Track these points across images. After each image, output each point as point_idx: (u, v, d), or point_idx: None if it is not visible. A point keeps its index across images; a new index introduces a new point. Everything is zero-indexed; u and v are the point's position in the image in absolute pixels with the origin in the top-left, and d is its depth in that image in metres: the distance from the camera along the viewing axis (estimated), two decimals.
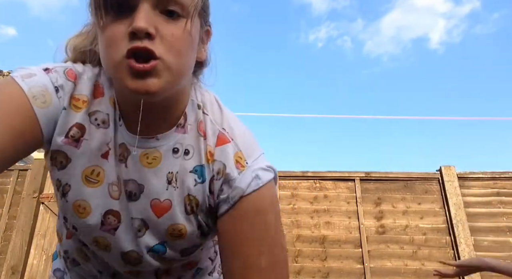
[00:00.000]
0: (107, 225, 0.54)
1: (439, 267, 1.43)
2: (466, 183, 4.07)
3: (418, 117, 5.95)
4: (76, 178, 0.52)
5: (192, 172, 0.54)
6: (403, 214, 4.02)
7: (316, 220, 4.03)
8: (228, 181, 0.53)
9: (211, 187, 0.55)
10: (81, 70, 0.54)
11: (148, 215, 0.54)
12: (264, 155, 0.57)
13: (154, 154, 0.53)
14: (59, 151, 0.52)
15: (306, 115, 5.72)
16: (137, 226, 0.54)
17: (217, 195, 0.54)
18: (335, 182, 4.20)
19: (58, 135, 0.51)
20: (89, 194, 0.53)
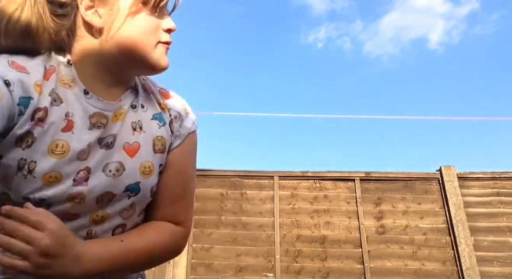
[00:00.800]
0: (78, 180, 0.60)
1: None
2: (466, 183, 4.07)
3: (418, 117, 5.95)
4: (43, 153, 0.57)
5: (153, 119, 0.71)
6: (403, 214, 4.03)
7: (316, 220, 4.04)
8: (180, 122, 0.74)
9: (171, 128, 0.72)
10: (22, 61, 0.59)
11: (124, 157, 0.65)
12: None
13: (120, 112, 0.66)
14: (27, 132, 0.56)
15: (306, 115, 5.72)
16: (115, 168, 0.64)
17: (175, 133, 0.73)
18: (335, 182, 4.21)
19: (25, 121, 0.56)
20: (58, 164, 0.58)
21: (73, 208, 0.60)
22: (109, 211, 0.64)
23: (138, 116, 0.69)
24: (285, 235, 3.99)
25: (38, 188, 0.57)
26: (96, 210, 0.63)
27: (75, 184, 0.60)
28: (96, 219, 0.64)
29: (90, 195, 0.61)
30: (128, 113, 0.67)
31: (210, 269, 3.82)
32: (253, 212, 4.08)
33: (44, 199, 0.58)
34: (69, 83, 0.62)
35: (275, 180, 4.21)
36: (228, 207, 4.11)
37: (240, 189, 4.19)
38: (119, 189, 0.64)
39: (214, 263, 3.85)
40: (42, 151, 0.57)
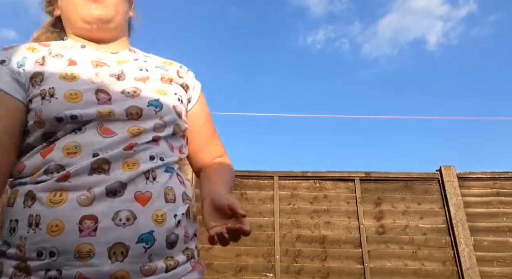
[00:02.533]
0: (102, 100, 0.68)
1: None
2: (466, 183, 4.07)
3: (418, 117, 5.95)
4: (56, 81, 0.68)
5: (157, 67, 0.82)
6: (403, 214, 4.02)
7: (316, 220, 4.04)
8: (191, 78, 0.88)
9: (179, 74, 0.85)
10: (16, 44, 0.76)
11: (137, 84, 0.74)
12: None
13: (124, 59, 0.79)
14: (36, 73, 0.69)
15: (306, 115, 5.72)
16: (132, 90, 0.72)
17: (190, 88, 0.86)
18: (335, 182, 4.20)
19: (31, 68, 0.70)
20: (74, 85, 0.68)
21: (108, 123, 0.67)
22: (144, 124, 0.70)
23: (142, 63, 0.81)
24: (285, 235, 3.98)
25: (65, 107, 0.65)
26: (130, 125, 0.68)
27: (100, 103, 0.67)
28: (134, 133, 0.68)
29: (118, 110, 0.68)
30: (131, 61, 0.80)
31: (210, 269, 3.82)
32: (253, 212, 4.08)
33: (75, 116, 0.65)
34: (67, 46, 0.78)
35: (275, 180, 4.20)
36: None
37: (240, 189, 4.19)
38: (142, 104, 0.71)
39: (214, 263, 3.85)
40: (55, 80, 0.68)
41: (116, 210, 0.60)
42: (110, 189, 0.61)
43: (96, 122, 0.66)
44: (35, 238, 0.58)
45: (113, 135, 0.66)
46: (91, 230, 0.58)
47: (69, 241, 0.57)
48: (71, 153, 0.63)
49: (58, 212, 0.58)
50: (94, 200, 0.60)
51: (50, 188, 0.61)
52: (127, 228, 0.59)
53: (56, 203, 0.59)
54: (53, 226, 0.58)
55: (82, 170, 0.62)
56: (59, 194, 0.60)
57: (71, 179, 0.61)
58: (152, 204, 0.63)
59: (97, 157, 0.63)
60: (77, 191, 0.60)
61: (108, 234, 0.58)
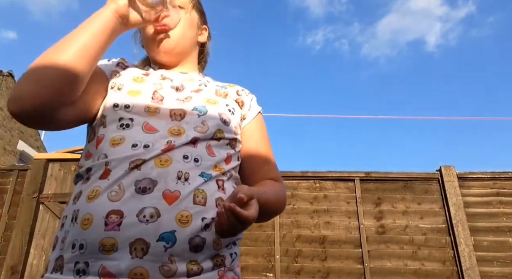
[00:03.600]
0: (156, 99, 0.77)
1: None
2: (466, 183, 4.07)
3: (418, 117, 5.95)
4: (127, 80, 0.80)
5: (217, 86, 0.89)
6: (403, 214, 4.02)
7: (316, 220, 4.03)
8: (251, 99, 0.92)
9: (237, 93, 0.90)
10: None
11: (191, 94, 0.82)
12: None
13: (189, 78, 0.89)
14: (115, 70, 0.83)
15: (306, 115, 5.71)
16: (184, 97, 0.80)
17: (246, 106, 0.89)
18: (335, 182, 4.20)
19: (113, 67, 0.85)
20: (138, 85, 0.79)
21: (151, 120, 0.73)
22: (185, 125, 0.74)
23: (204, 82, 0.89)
24: (285, 235, 3.98)
25: (124, 97, 0.75)
26: (172, 124, 0.73)
27: (153, 101, 0.76)
28: (174, 132, 0.72)
29: (164, 109, 0.75)
30: (197, 80, 0.89)
31: None
32: None
33: (128, 105, 0.73)
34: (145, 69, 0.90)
35: None
36: None
37: None
38: (187, 107, 0.77)
39: None
40: (127, 79, 0.80)
41: (142, 206, 0.61)
42: (140, 186, 0.62)
43: (142, 119, 0.72)
44: (73, 231, 0.63)
45: (154, 132, 0.71)
46: (116, 225, 0.59)
47: (95, 234, 0.59)
48: (116, 143, 0.70)
49: (90, 206, 0.62)
50: (123, 195, 0.62)
51: (91, 186, 0.66)
52: (150, 224, 0.59)
53: (91, 199, 0.63)
54: (85, 219, 0.61)
55: (121, 167, 0.65)
56: (95, 190, 0.64)
57: (110, 176, 0.65)
58: (179, 204, 0.62)
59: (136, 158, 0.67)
60: (110, 187, 0.63)
61: (131, 230, 0.59)
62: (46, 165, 4.19)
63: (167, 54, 0.89)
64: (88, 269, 0.59)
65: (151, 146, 0.67)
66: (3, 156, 9.52)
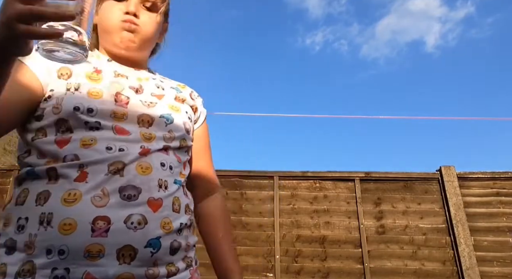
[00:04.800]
0: (119, 102, 0.73)
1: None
2: (466, 183, 4.07)
3: (418, 117, 5.95)
4: (82, 79, 0.72)
5: (172, 88, 0.88)
6: (403, 214, 4.02)
7: (316, 220, 4.03)
8: (200, 103, 0.93)
9: (191, 96, 0.91)
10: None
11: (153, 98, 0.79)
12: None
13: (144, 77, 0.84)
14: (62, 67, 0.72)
15: (306, 115, 5.72)
16: (148, 101, 0.77)
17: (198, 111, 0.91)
18: (335, 182, 4.20)
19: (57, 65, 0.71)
20: (97, 85, 0.73)
21: (121, 124, 0.70)
22: (154, 132, 0.73)
23: (159, 83, 0.86)
24: (285, 235, 3.98)
25: (86, 100, 0.68)
26: (142, 129, 0.72)
27: (118, 105, 0.72)
28: (146, 137, 0.72)
29: (131, 114, 0.72)
30: (150, 80, 0.85)
31: (210, 269, 3.81)
32: (253, 212, 4.08)
33: (92, 109, 0.68)
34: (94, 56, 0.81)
35: (275, 180, 4.20)
36: (228, 207, 4.10)
37: (240, 189, 4.19)
38: (155, 114, 0.75)
39: None
40: (81, 78, 0.72)
41: (129, 213, 0.61)
42: (125, 193, 0.63)
43: (110, 123, 0.69)
44: (45, 235, 0.59)
45: (127, 135, 0.69)
46: (103, 231, 0.59)
47: (80, 240, 0.58)
48: (87, 144, 0.65)
49: (71, 211, 0.59)
50: (108, 201, 0.61)
51: (65, 188, 0.62)
52: (138, 231, 0.61)
53: (70, 202, 0.60)
54: (65, 224, 0.58)
55: (99, 170, 0.63)
56: (73, 193, 0.61)
57: (87, 179, 0.62)
58: (162, 211, 0.66)
59: (114, 161, 0.65)
60: (91, 191, 0.61)
61: (119, 236, 0.59)
62: None
63: (128, 51, 0.83)
64: (68, 276, 0.57)
65: (126, 150, 0.67)
66: (3, 156, 9.53)
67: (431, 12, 12.34)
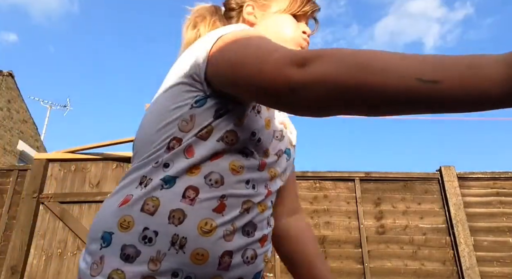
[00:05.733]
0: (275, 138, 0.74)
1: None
2: (466, 183, 4.07)
3: (418, 117, 5.95)
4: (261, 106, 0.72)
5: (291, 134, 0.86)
6: (403, 214, 4.03)
7: (316, 220, 4.04)
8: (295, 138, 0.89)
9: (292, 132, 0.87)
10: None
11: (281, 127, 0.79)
12: None
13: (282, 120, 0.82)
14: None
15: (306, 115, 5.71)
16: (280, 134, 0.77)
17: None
18: (335, 182, 4.20)
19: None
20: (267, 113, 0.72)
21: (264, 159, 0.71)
22: (278, 169, 0.75)
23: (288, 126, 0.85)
24: None
25: (261, 126, 0.69)
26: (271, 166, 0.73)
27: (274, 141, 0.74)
28: (272, 174, 0.73)
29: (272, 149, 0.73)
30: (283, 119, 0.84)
31: None
32: None
33: (260, 140, 0.69)
34: None
35: None
36: None
37: None
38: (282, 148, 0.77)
39: None
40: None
41: (246, 247, 0.65)
42: (246, 229, 0.66)
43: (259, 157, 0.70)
44: (176, 258, 0.59)
45: (261, 172, 0.70)
46: (226, 265, 0.62)
47: (208, 272, 0.61)
48: (235, 171, 0.66)
49: (205, 242, 0.60)
50: (234, 236, 0.63)
51: (203, 215, 0.61)
52: (250, 266, 0.65)
53: (206, 233, 0.61)
54: (198, 254, 0.60)
55: (236, 205, 0.64)
56: (210, 224, 0.61)
57: (224, 212, 0.63)
58: (266, 246, 0.70)
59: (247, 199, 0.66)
60: (225, 225, 0.62)
61: (237, 270, 0.64)
62: (46, 165, 4.19)
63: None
64: None
65: (257, 188, 0.68)
66: (3, 156, 9.52)
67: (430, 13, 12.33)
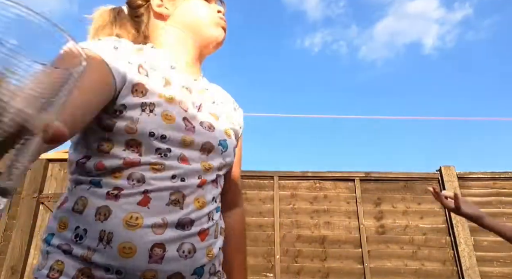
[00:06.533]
0: (187, 127, 0.71)
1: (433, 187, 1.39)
2: (466, 183, 4.07)
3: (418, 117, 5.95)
4: (156, 98, 0.69)
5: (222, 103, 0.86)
6: (403, 214, 4.02)
7: (316, 220, 4.03)
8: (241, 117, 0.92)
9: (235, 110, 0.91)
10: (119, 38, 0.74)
11: (211, 119, 0.77)
12: None
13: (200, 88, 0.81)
14: (138, 83, 0.68)
15: (306, 116, 5.72)
16: (208, 125, 0.75)
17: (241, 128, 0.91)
18: (335, 182, 4.20)
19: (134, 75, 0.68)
20: (169, 107, 0.70)
21: (185, 151, 0.70)
22: (212, 162, 0.74)
23: (212, 96, 0.84)
24: (285, 235, 3.98)
25: (160, 125, 0.67)
26: (203, 159, 0.73)
27: (186, 130, 0.71)
28: (206, 167, 0.72)
29: (197, 141, 0.72)
30: (205, 90, 0.83)
31: None
32: (252, 212, 4.08)
33: (165, 135, 0.67)
34: (158, 59, 0.76)
35: (275, 180, 4.20)
36: None
37: None
38: (215, 141, 0.75)
39: None
40: (155, 97, 0.69)
41: (181, 242, 0.65)
42: (180, 223, 0.66)
43: (178, 151, 0.69)
44: (104, 253, 0.61)
45: (188, 165, 0.70)
46: (159, 258, 0.62)
47: (139, 265, 0.61)
48: (155, 170, 0.66)
49: (132, 235, 0.61)
50: (165, 229, 0.64)
51: (128, 210, 0.63)
52: (188, 260, 0.65)
53: (131, 226, 0.61)
54: (125, 248, 0.61)
55: (161, 198, 0.65)
56: (135, 217, 0.62)
57: (150, 205, 0.64)
58: (208, 240, 0.70)
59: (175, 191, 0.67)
60: (152, 217, 0.63)
61: (172, 264, 0.63)
62: (46, 165, 4.19)
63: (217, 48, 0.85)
64: None
65: (186, 180, 0.68)
66: None
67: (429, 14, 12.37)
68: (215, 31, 0.82)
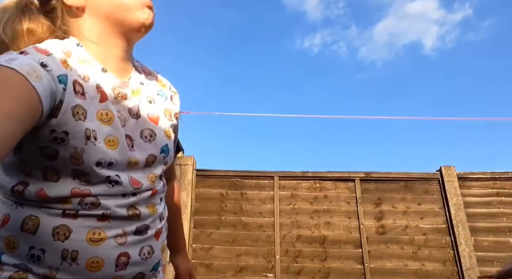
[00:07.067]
0: (129, 145, 0.69)
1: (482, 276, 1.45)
2: (466, 183, 4.07)
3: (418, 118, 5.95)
4: (96, 122, 0.64)
5: (158, 94, 0.81)
6: (403, 214, 4.02)
7: (316, 220, 4.04)
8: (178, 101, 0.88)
9: (172, 100, 0.85)
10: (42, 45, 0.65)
11: (152, 125, 0.75)
12: None
13: (137, 88, 0.76)
14: (78, 106, 0.62)
15: (306, 116, 5.72)
16: (149, 134, 0.73)
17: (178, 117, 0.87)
18: (335, 182, 4.20)
19: (71, 95, 0.62)
20: (110, 130, 0.66)
21: (133, 173, 0.69)
22: (156, 171, 0.74)
23: (148, 92, 0.79)
24: (285, 236, 3.98)
25: (106, 153, 0.64)
26: (148, 172, 0.72)
27: (129, 149, 0.69)
28: (152, 180, 0.73)
29: (141, 159, 0.70)
30: (142, 88, 0.77)
31: (210, 270, 3.82)
32: (253, 212, 4.08)
33: (112, 162, 0.65)
34: (87, 62, 0.69)
35: (275, 180, 4.20)
36: (228, 207, 4.11)
37: (240, 189, 4.19)
38: (157, 151, 0.74)
39: (214, 263, 3.85)
40: (95, 121, 0.64)
41: (142, 245, 0.69)
42: (138, 230, 0.70)
43: (126, 175, 0.68)
44: (70, 270, 0.62)
45: (140, 186, 0.70)
46: (124, 265, 0.66)
47: (106, 274, 0.64)
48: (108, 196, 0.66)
49: (98, 250, 0.63)
50: (127, 239, 0.67)
51: (89, 226, 0.63)
52: (148, 260, 0.71)
53: (96, 242, 0.63)
54: (93, 262, 0.63)
55: (120, 214, 0.67)
56: (98, 233, 0.63)
57: (110, 220, 0.66)
58: (161, 238, 0.76)
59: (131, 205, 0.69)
60: (113, 230, 0.65)
61: (135, 267, 0.68)
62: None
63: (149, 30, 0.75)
64: None
65: (139, 196, 0.70)
66: None
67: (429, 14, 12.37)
68: (141, 14, 0.71)
